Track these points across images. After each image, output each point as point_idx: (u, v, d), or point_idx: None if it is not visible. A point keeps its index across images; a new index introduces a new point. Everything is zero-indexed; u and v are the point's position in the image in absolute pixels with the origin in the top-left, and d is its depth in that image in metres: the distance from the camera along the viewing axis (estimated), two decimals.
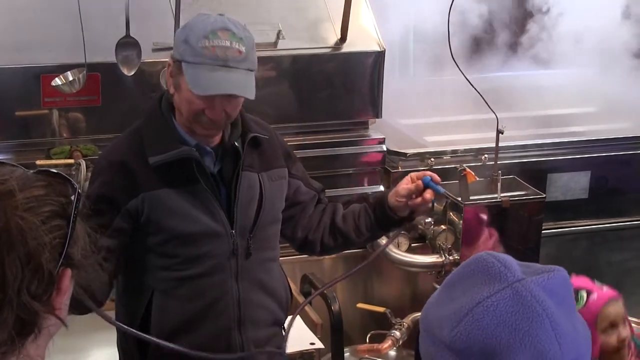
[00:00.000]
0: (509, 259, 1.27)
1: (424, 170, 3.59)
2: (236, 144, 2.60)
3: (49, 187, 1.29)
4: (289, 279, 2.86)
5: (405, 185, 2.67)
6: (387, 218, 2.73)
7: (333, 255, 3.93)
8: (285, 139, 2.88)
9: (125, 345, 2.71)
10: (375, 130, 4.04)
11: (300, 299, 3.40)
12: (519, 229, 3.79)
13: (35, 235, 1.23)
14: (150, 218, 2.52)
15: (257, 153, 2.65)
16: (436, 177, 2.66)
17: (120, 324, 2.42)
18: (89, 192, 2.56)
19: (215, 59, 2.40)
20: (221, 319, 2.61)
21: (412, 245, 3.92)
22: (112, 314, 3.20)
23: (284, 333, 2.79)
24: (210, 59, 2.40)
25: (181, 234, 2.54)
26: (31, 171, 1.33)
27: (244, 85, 2.44)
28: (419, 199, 2.64)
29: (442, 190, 2.68)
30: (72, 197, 1.31)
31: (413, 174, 2.69)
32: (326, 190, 2.94)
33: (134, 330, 2.43)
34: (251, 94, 2.45)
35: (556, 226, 4.18)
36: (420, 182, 2.65)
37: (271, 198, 2.65)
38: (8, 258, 1.20)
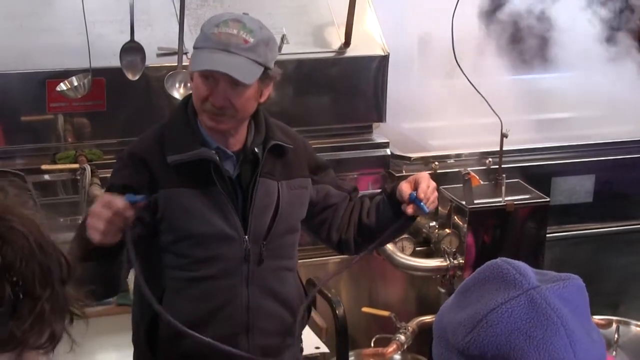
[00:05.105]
0: (524, 266, 1.27)
1: (429, 172, 3.60)
2: (256, 150, 2.60)
3: (12, 184, 1.30)
4: None
5: (403, 188, 2.64)
6: (399, 208, 2.68)
7: (337, 260, 3.93)
8: None
9: (137, 341, 2.73)
10: (379, 134, 4.05)
11: None
12: (524, 233, 3.79)
13: (45, 228, 1.25)
14: (165, 215, 2.54)
15: (280, 161, 2.65)
16: (422, 193, 2.58)
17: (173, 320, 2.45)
18: (112, 182, 2.61)
19: (218, 43, 2.45)
20: (229, 323, 2.61)
21: (417, 249, 3.91)
22: (120, 317, 3.22)
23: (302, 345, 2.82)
24: (214, 43, 2.45)
25: (193, 234, 2.55)
26: None
27: (241, 69, 2.44)
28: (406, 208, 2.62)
29: (426, 210, 2.60)
30: (29, 191, 1.33)
31: (413, 178, 2.64)
32: None
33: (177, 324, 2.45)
34: (244, 78, 2.44)
35: (561, 230, 4.17)
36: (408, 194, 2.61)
37: (288, 207, 2.64)
38: (45, 255, 1.21)
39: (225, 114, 2.49)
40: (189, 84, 3.49)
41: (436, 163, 4.01)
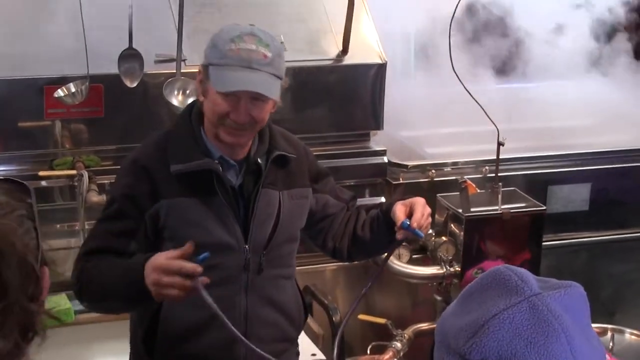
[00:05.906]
0: (527, 273, 1.27)
1: (426, 180, 3.62)
2: (259, 160, 2.61)
3: (9, 193, 1.32)
4: None
5: (397, 212, 2.63)
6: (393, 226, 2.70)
7: (334, 267, 3.94)
8: None
9: (135, 346, 2.73)
10: (376, 142, 4.05)
11: None
12: (520, 241, 3.80)
13: (19, 237, 1.25)
14: (167, 224, 2.54)
15: (282, 171, 2.66)
16: (414, 222, 2.58)
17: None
18: (113, 191, 2.63)
19: (239, 60, 2.44)
20: (226, 331, 2.61)
21: (413, 256, 3.92)
22: (118, 323, 3.23)
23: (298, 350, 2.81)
24: (235, 60, 2.44)
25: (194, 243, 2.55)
26: None
27: (266, 85, 2.45)
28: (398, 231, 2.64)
29: (421, 235, 2.62)
30: (29, 200, 1.34)
31: (409, 202, 2.65)
32: None
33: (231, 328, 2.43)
34: (271, 94, 2.47)
35: (557, 238, 4.19)
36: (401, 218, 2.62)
37: (289, 217, 2.65)
38: (5, 265, 1.21)
39: (246, 128, 2.51)
40: (187, 91, 3.50)
41: (433, 171, 4.02)
